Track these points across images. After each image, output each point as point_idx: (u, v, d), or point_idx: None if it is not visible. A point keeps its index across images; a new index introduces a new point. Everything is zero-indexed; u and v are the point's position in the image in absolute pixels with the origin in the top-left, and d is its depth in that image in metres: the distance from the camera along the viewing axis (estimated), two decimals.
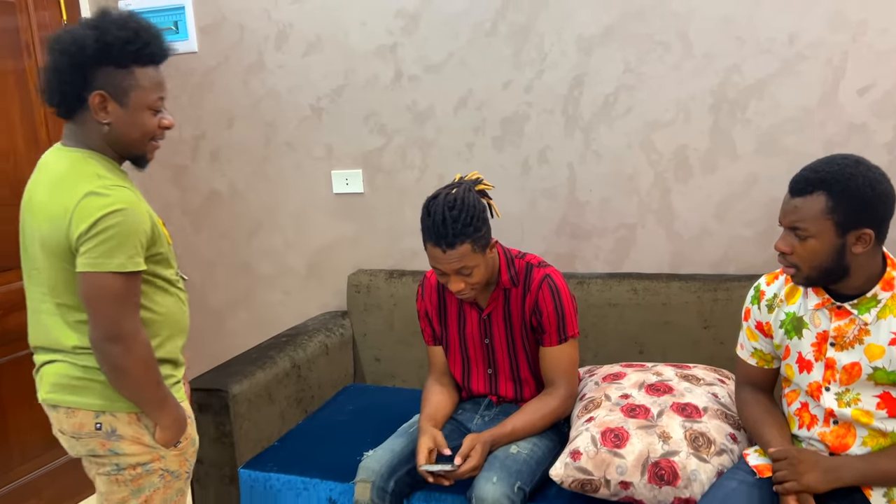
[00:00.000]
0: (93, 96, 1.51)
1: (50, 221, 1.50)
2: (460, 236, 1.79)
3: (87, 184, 1.49)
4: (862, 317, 1.55)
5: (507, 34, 2.50)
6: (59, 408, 1.59)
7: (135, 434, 1.59)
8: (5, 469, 2.68)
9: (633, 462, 1.74)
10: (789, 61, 2.25)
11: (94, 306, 1.49)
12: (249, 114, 2.90)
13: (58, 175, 1.53)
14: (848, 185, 1.49)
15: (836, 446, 1.61)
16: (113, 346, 1.50)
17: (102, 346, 1.51)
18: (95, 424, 1.58)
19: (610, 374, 2.06)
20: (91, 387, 1.57)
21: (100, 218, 1.45)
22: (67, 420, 1.59)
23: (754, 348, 1.77)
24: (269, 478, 2.12)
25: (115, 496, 1.64)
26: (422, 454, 1.83)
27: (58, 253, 1.51)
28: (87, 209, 1.46)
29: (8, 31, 2.69)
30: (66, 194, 1.48)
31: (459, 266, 1.82)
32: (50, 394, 1.59)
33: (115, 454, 1.59)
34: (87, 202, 1.46)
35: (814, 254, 1.52)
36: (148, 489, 1.64)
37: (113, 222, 1.46)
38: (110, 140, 1.56)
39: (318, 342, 2.58)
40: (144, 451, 1.61)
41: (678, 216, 2.44)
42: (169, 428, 1.62)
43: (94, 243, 1.45)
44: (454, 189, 1.86)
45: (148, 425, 1.61)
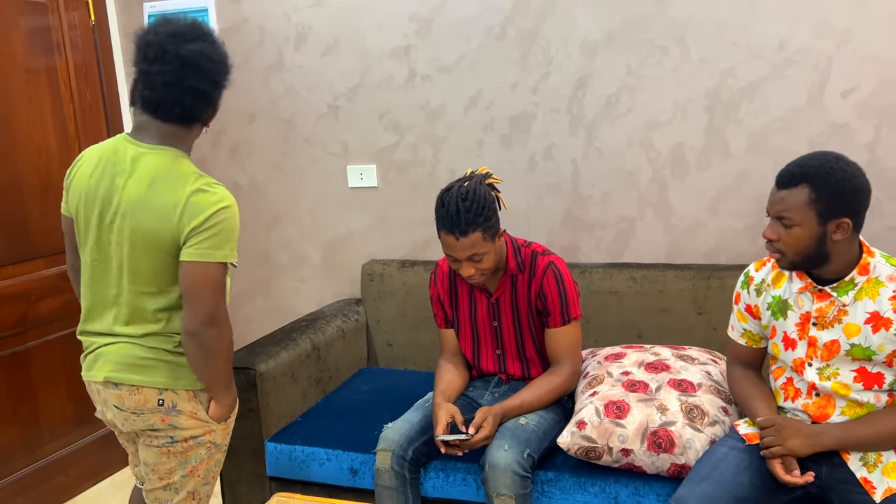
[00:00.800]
0: (211, 112, 1.76)
1: (155, 214, 1.64)
2: (472, 225, 1.95)
3: (192, 181, 1.65)
4: (841, 299, 1.72)
5: (516, 38, 2.66)
6: (121, 385, 1.72)
7: (192, 409, 1.76)
8: (35, 447, 2.82)
9: (634, 431, 1.90)
10: (779, 66, 2.41)
11: (197, 293, 1.63)
12: (269, 111, 3.05)
13: (163, 172, 1.66)
14: (829, 178, 1.65)
15: (817, 416, 1.78)
16: (210, 331, 1.66)
17: (201, 331, 1.65)
18: (158, 401, 1.72)
19: (611, 354, 2.23)
20: (157, 366, 1.72)
21: (213, 213, 1.63)
22: (130, 397, 1.72)
23: (744, 329, 1.94)
24: (293, 450, 2.28)
25: (163, 467, 1.79)
26: (440, 425, 1.98)
27: (160, 246, 1.65)
28: (200, 204, 1.62)
29: (39, 30, 2.82)
30: (173, 190, 1.64)
31: (471, 253, 1.98)
32: (114, 372, 1.72)
33: (174, 428, 1.74)
34: (197, 198, 1.63)
35: (798, 241, 1.68)
36: (194, 460, 1.79)
37: (223, 217, 1.64)
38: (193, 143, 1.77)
39: (335, 326, 2.73)
40: (199, 425, 1.77)
41: (674, 210, 2.61)
42: (227, 405, 1.79)
43: (206, 236, 1.62)
44: (466, 182, 2.02)
45: (203, 401, 1.77)
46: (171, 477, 1.79)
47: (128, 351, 1.72)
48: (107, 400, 1.77)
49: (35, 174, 2.78)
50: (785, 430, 1.71)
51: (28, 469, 2.79)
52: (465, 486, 2.08)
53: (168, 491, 1.81)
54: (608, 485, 1.96)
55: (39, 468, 2.83)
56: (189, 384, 1.75)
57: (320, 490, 2.28)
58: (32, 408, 2.81)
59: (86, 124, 3.01)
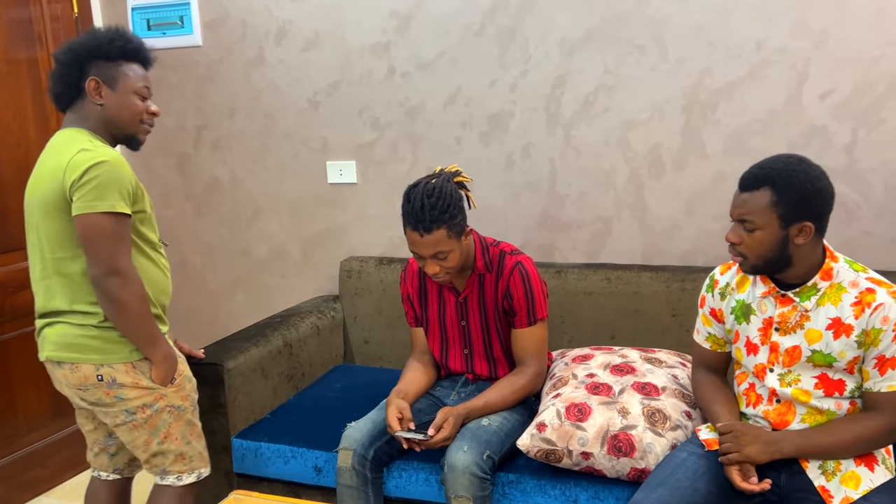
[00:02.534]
0: (89, 81, 1.80)
1: (49, 180, 1.75)
2: (437, 222, 1.93)
3: (78, 145, 1.75)
4: (803, 304, 1.70)
5: (495, 35, 2.64)
6: (63, 364, 1.82)
7: (133, 380, 1.83)
8: (12, 439, 2.83)
9: (594, 434, 1.89)
10: (757, 66, 2.38)
11: (92, 244, 1.72)
12: (250, 106, 3.05)
13: (55, 146, 1.81)
14: (790, 181, 1.62)
15: (777, 423, 1.76)
16: (111, 280, 1.72)
17: (102, 281, 1.73)
18: (97, 376, 1.80)
19: (579, 356, 2.21)
20: (90, 343, 1.80)
21: (89, 167, 1.70)
22: (72, 374, 1.81)
23: (709, 333, 1.92)
24: (259, 447, 2.27)
25: (139, 440, 1.87)
26: (392, 421, 1.97)
27: (55, 206, 1.75)
28: (78, 161, 1.71)
29: (22, 22, 2.83)
30: (62, 156, 1.75)
31: (435, 250, 1.96)
32: (54, 352, 1.82)
33: (121, 400, 1.82)
34: (78, 157, 1.72)
35: (760, 244, 1.66)
36: (163, 426, 1.88)
37: (100, 171, 1.71)
38: (104, 120, 1.84)
39: (309, 323, 2.73)
40: (146, 393, 1.84)
41: (651, 210, 2.58)
42: (162, 363, 1.84)
43: (86, 189, 1.70)
44: (434, 179, 2.00)
45: (144, 371, 1.84)
46: (149, 447, 1.89)
47: (64, 331, 1.81)
48: (58, 379, 1.87)
49: (14, 165, 2.78)
50: (743, 437, 1.69)
51: (5, 460, 2.80)
52: (427, 486, 2.07)
53: (157, 458, 1.91)
54: (568, 488, 1.94)
55: (17, 459, 2.84)
56: (124, 357, 1.81)
57: (285, 487, 2.28)
58: (9, 399, 2.81)
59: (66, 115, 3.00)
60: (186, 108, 3.14)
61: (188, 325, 3.30)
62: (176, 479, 1.94)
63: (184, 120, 3.16)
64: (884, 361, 1.63)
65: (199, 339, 3.14)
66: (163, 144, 3.21)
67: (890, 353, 1.62)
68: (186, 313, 3.30)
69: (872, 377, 1.65)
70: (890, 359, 1.63)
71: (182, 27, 3.06)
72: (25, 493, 2.87)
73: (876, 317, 1.61)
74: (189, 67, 3.10)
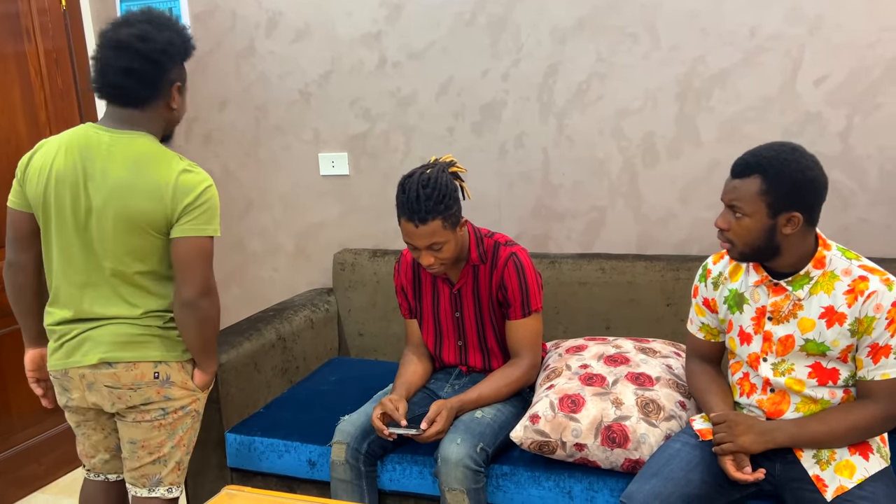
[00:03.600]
0: (176, 86, 1.79)
1: (144, 195, 1.71)
2: (432, 213, 1.91)
3: (174, 163, 1.75)
4: (796, 293, 1.68)
5: (486, 24, 2.62)
6: (116, 364, 1.78)
7: (183, 380, 1.86)
8: (6, 435, 2.82)
9: (588, 426, 1.88)
10: (750, 53, 2.36)
11: (193, 266, 1.74)
12: (241, 98, 3.02)
13: (141, 155, 1.73)
14: (781, 169, 1.60)
15: (771, 412, 1.75)
16: (205, 300, 1.77)
17: (198, 301, 1.76)
18: (154, 374, 1.81)
19: (573, 347, 2.20)
20: (151, 342, 1.81)
21: (202, 191, 1.74)
22: (127, 373, 1.79)
23: (702, 323, 1.90)
24: (253, 441, 2.26)
25: (153, 441, 1.86)
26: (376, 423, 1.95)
27: (150, 224, 1.73)
28: (189, 183, 1.73)
29: (9, 16, 2.80)
30: (159, 171, 1.72)
31: (430, 241, 1.94)
32: (108, 353, 1.78)
33: (167, 399, 1.84)
34: (186, 178, 1.73)
35: (747, 231, 1.64)
36: (181, 430, 1.89)
37: (210, 195, 1.76)
38: (169, 123, 1.82)
39: (303, 317, 2.71)
40: (187, 395, 1.88)
41: (645, 199, 2.56)
42: (212, 373, 1.92)
43: (198, 213, 1.73)
44: (429, 169, 1.98)
45: (188, 372, 1.88)
46: (161, 450, 1.87)
47: (121, 331, 1.78)
48: (94, 382, 1.81)
49: (4, 161, 2.76)
50: (737, 427, 1.68)
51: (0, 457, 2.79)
52: (421, 479, 2.06)
53: (157, 464, 1.89)
54: (562, 479, 1.93)
55: (11, 456, 2.84)
56: (178, 356, 1.84)
57: (279, 482, 2.27)
58: (3, 396, 2.81)
59: (57, 111, 2.98)
60: None
61: None
62: (167, 490, 1.91)
63: None
64: (877, 349, 1.62)
65: None
66: None
67: (883, 342, 1.61)
68: None
69: (866, 365, 1.64)
70: (883, 347, 1.61)
71: None
72: (20, 489, 2.86)
73: (869, 305, 1.60)
74: None
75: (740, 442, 1.66)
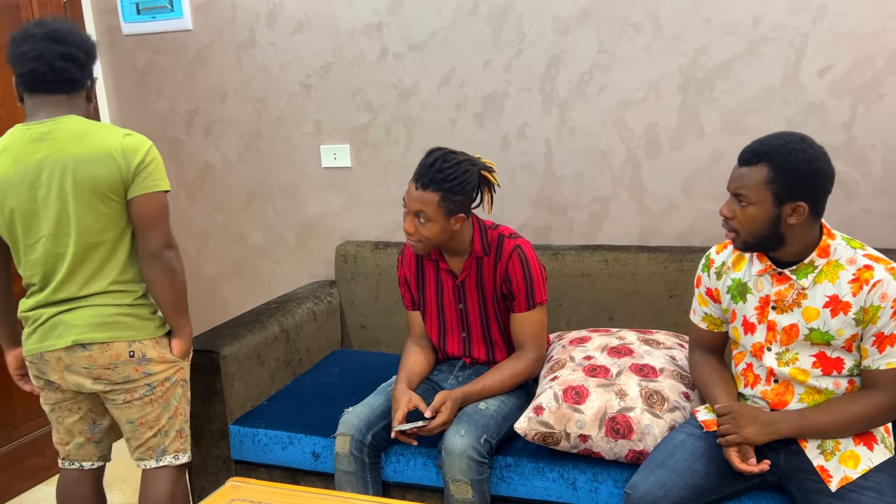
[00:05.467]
0: (93, 81, 1.91)
1: (96, 163, 1.77)
2: (435, 184, 1.94)
3: (115, 129, 1.84)
4: (800, 281, 1.68)
5: (488, 15, 2.61)
6: (91, 346, 1.82)
7: (160, 354, 1.91)
8: (10, 428, 2.82)
9: (592, 417, 1.88)
10: (753, 43, 2.35)
11: (154, 221, 1.84)
12: (242, 89, 3.01)
13: (82, 130, 1.81)
14: (788, 159, 1.60)
15: (776, 403, 1.75)
16: (169, 251, 1.86)
17: (163, 253, 1.85)
18: (129, 353, 1.85)
19: (576, 338, 2.19)
20: (123, 321, 1.85)
21: (148, 150, 1.83)
22: (102, 354, 1.83)
23: (705, 313, 1.90)
24: (257, 433, 2.27)
25: (150, 416, 1.92)
26: (399, 414, 1.96)
27: (110, 189, 1.79)
28: (135, 144, 1.82)
29: (9, 7, 2.78)
30: (104, 139, 1.80)
31: (419, 208, 1.96)
32: (82, 335, 1.82)
33: (148, 375, 1.89)
34: (129, 140, 1.82)
35: (752, 220, 1.64)
36: (175, 400, 1.95)
37: (155, 153, 1.86)
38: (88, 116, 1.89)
39: (306, 309, 2.71)
40: (169, 367, 1.93)
41: (648, 190, 2.56)
42: (187, 337, 1.97)
43: (150, 170, 1.82)
44: (464, 155, 2.01)
45: (165, 346, 1.93)
46: (159, 423, 1.93)
47: (95, 312, 1.83)
48: (72, 364, 1.85)
49: None
50: (741, 418, 1.68)
51: (4, 449, 2.80)
52: (425, 471, 2.06)
53: (159, 436, 1.95)
54: (566, 470, 1.94)
55: (16, 448, 2.84)
56: (151, 332, 1.90)
57: (283, 473, 2.27)
58: (6, 389, 2.80)
59: None
60: (178, 93, 3.11)
61: None
62: (174, 458, 1.98)
63: (175, 105, 3.13)
64: (882, 339, 1.62)
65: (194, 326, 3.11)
66: (155, 130, 3.17)
67: (888, 331, 1.61)
68: None
69: (871, 355, 1.64)
70: (889, 336, 1.61)
71: (172, 11, 3.02)
72: (25, 481, 2.87)
73: (874, 294, 1.60)
74: (179, 51, 3.06)
75: (745, 433, 1.66)
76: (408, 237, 2.02)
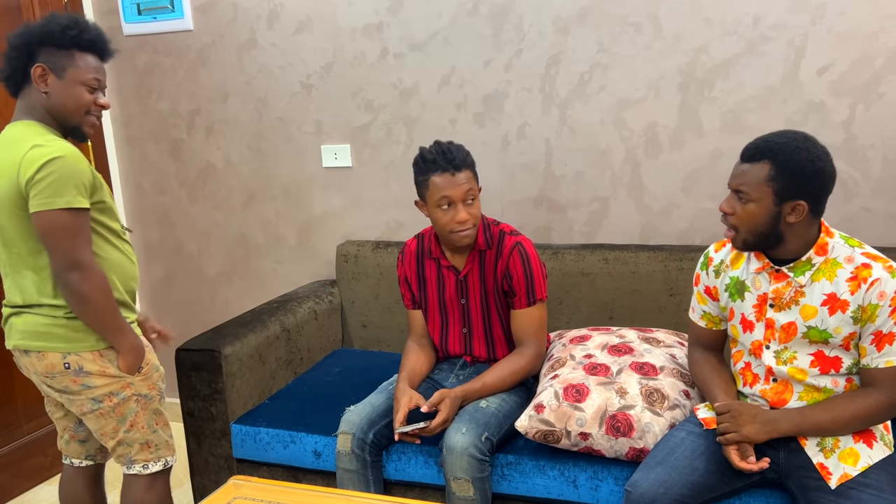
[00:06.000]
0: (35, 68, 1.77)
1: (3, 177, 1.73)
2: (465, 161, 2.02)
3: (31, 141, 1.73)
4: (797, 279, 1.69)
5: (488, 14, 2.61)
6: (30, 352, 1.83)
7: (100, 368, 1.84)
8: (12, 427, 2.83)
9: (592, 415, 1.88)
10: (753, 42, 2.36)
11: (51, 240, 1.72)
12: (243, 90, 3.02)
13: (6, 141, 1.78)
14: (791, 157, 1.61)
15: (775, 402, 1.75)
16: (72, 274, 1.73)
17: (64, 276, 1.74)
18: (64, 364, 1.81)
19: (577, 337, 2.20)
20: (57, 332, 1.81)
21: (44, 164, 1.69)
22: (39, 363, 1.83)
23: (703, 311, 1.91)
24: (258, 432, 2.27)
25: (106, 428, 1.88)
26: (400, 414, 1.96)
27: (14, 203, 1.73)
28: (32, 158, 1.70)
29: (10, 8, 2.79)
30: (15, 151, 1.73)
31: (468, 188, 2.00)
32: (21, 340, 1.83)
33: (88, 388, 1.83)
34: (31, 153, 1.70)
35: (752, 217, 1.65)
36: (130, 414, 1.89)
37: (55, 167, 1.69)
38: (50, 108, 1.80)
39: (307, 308, 2.72)
40: (112, 381, 1.86)
41: (647, 190, 2.57)
42: (129, 353, 1.85)
43: (42, 186, 1.69)
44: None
45: (111, 359, 1.85)
46: (116, 435, 1.90)
47: (31, 319, 1.82)
48: (24, 367, 1.89)
49: None
50: (741, 417, 1.69)
51: (6, 449, 2.81)
52: (427, 469, 2.07)
53: (122, 447, 1.92)
54: (567, 468, 1.94)
55: (17, 448, 2.85)
56: (90, 346, 1.83)
57: (285, 472, 2.28)
58: (8, 388, 2.81)
59: None
60: (179, 94, 3.12)
61: (185, 312, 3.30)
62: (142, 467, 1.94)
63: (177, 105, 3.13)
64: (881, 337, 1.62)
65: (195, 326, 3.14)
66: (156, 130, 3.18)
67: (887, 329, 1.62)
68: (183, 300, 3.30)
69: (870, 353, 1.65)
70: (887, 334, 1.62)
71: (173, 11, 3.02)
72: (27, 480, 2.88)
73: (872, 292, 1.60)
74: (181, 52, 3.07)
75: (744, 432, 1.67)
76: (463, 226, 2.01)
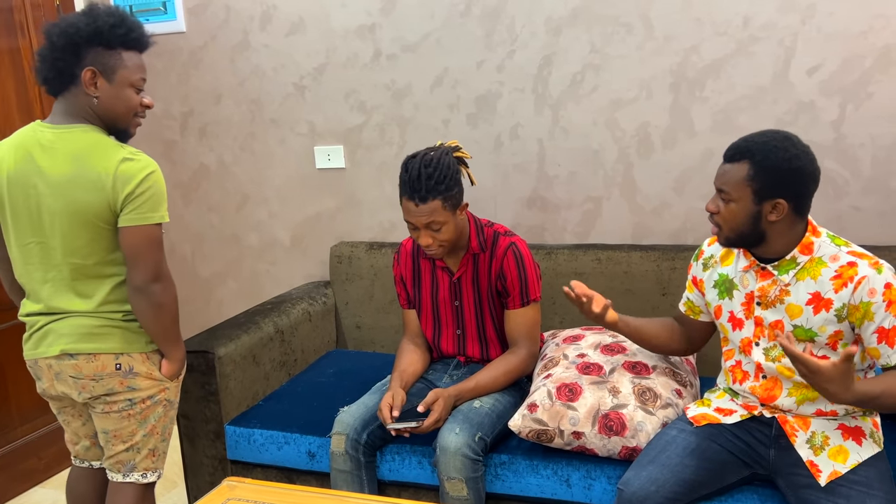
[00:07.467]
0: (85, 72, 1.70)
1: (86, 188, 1.69)
2: (433, 192, 1.93)
3: (115, 152, 1.71)
4: (782, 277, 1.69)
5: (480, 15, 2.62)
6: (77, 356, 1.79)
7: (147, 370, 1.85)
8: (6, 430, 2.82)
9: (585, 414, 1.89)
10: (744, 42, 2.37)
11: (143, 254, 1.74)
12: (236, 91, 3.02)
13: (81, 149, 1.71)
14: (768, 156, 1.62)
15: (765, 398, 1.76)
16: (156, 286, 1.76)
17: (148, 288, 1.75)
18: (115, 365, 1.81)
19: (570, 336, 2.21)
20: (111, 334, 1.80)
21: (143, 179, 1.70)
22: (88, 365, 1.80)
23: (688, 298, 1.95)
24: (252, 433, 2.28)
25: (125, 430, 1.87)
26: (385, 413, 1.97)
27: (96, 216, 1.71)
28: (129, 172, 1.70)
29: (2, 10, 2.79)
30: (99, 163, 1.69)
31: (430, 220, 1.96)
32: (70, 344, 1.79)
33: (132, 390, 1.84)
34: (126, 167, 1.70)
35: (733, 216, 1.66)
36: (153, 419, 1.89)
37: (153, 181, 1.73)
38: (99, 113, 1.75)
39: (300, 310, 2.72)
40: (154, 385, 1.87)
41: (640, 190, 2.58)
42: (178, 361, 1.90)
43: (141, 201, 1.70)
44: (432, 151, 2.01)
45: (155, 362, 1.87)
46: (133, 438, 1.88)
47: (81, 322, 1.79)
48: (61, 373, 1.83)
49: None
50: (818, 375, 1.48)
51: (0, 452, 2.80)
52: (420, 469, 2.08)
53: (130, 452, 1.89)
54: (560, 467, 1.95)
55: (10, 451, 2.84)
56: (141, 347, 1.84)
57: (279, 473, 2.28)
58: (2, 391, 2.81)
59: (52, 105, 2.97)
60: (172, 95, 3.12)
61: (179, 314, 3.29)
62: (141, 476, 1.92)
63: (170, 107, 3.14)
64: (885, 333, 1.59)
65: (190, 327, 3.14)
66: (149, 132, 3.18)
67: (889, 324, 1.58)
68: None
69: (883, 353, 1.60)
70: (891, 329, 1.58)
71: (165, 13, 3.03)
72: (21, 484, 2.87)
73: (861, 291, 1.60)
74: (173, 54, 3.07)
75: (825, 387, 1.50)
76: (426, 249, 2.02)
